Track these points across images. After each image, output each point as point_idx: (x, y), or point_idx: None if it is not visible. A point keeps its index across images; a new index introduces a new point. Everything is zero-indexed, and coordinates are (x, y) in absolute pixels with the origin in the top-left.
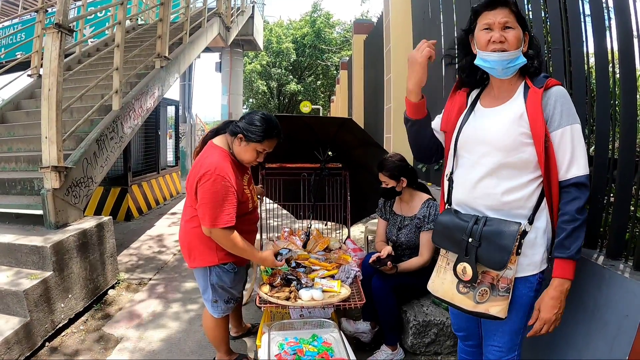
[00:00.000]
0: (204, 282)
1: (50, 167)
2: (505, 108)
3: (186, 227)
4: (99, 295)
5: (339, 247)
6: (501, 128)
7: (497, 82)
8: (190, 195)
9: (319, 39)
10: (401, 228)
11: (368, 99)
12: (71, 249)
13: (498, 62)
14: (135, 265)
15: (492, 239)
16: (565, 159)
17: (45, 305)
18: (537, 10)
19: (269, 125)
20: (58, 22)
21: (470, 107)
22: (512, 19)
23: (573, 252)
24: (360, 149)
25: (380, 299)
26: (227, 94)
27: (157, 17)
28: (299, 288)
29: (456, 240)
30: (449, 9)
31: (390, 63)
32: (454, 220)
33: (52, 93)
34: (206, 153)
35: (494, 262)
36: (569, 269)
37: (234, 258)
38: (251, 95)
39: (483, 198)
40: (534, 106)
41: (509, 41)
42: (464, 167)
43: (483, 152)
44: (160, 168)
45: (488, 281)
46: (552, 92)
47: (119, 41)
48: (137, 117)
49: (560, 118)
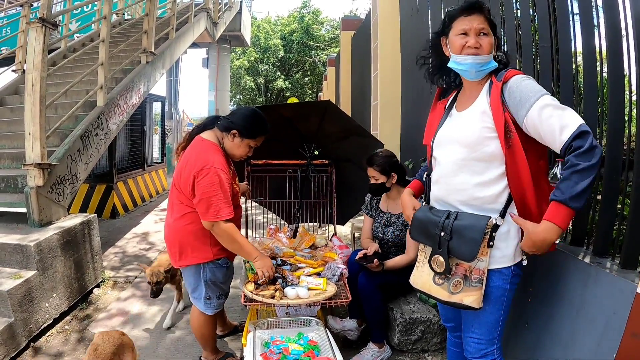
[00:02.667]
0: (195, 280)
1: (33, 164)
2: (473, 107)
3: (177, 225)
4: (84, 294)
5: (325, 244)
6: (467, 125)
7: (468, 84)
8: (184, 191)
9: (307, 36)
10: (387, 225)
11: (355, 96)
12: (55, 248)
13: (472, 65)
14: (120, 263)
15: (463, 233)
16: (555, 127)
17: (30, 305)
18: (526, 8)
19: (262, 121)
20: (42, 17)
21: (447, 112)
22: (487, 25)
23: (567, 197)
24: (345, 141)
25: (366, 297)
26: (214, 90)
27: (143, 12)
28: (285, 286)
29: (430, 234)
30: (436, 6)
31: (377, 60)
32: (428, 215)
33: (35, 88)
34: (198, 148)
35: (465, 254)
36: (559, 214)
37: (227, 252)
38: (238, 91)
39: (456, 193)
40: (495, 99)
41: (483, 47)
42: (439, 166)
43: (452, 149)
44: (146, 165)
45: (461, 272)
46: (510, 82)
47: (104, 36)
48: (123, 113)
49: (528, 97)
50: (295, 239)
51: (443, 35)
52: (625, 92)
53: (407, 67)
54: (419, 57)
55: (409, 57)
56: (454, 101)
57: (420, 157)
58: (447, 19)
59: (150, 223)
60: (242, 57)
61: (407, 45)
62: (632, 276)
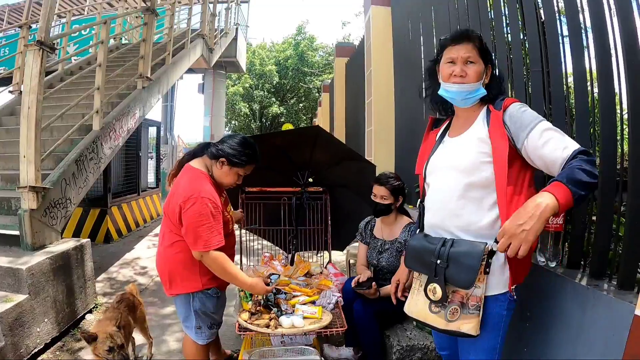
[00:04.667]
0: (185, 310)
1: (27, 187)
2: (468, 134)
3: (166, 254)
4: (76, 319)
5: (320, 272)
6: (462, 151)
7: (461, 111)
8: (172, 220)
9: (302, 62)
10: (382, 252)
11: (349, 122)
12: (48, 272)
13: (457, 93)
14: (113, 289)
15: (459, 260)
16: (558, 146)
17: (21, 329)
18: (516, 33)
19: (252, 150)
20: (40, 40)
21: (439, 139)
22: (475, 53)
23: (564, 177)
24: (338, 166)
25: (362, 325)
26: (209, 115)
27: (140, 37)
28: (280, 315)
29: (426, 262)
30: (428, 32)
31: (371, 86)
32: (423, 243)
33: (31, 111)
34: (186, 176)
35: (462, 282)
36: (557, 188)
37: (217, 282)
38: (233, 117)
39: (453, 219)
40: (496, 127)
41: (469, 75)
42: (432, 192)
43: (447, 175)
44: (140, 189)
45: (458, 300)
46: (508, 111)
47: (101, 60)
48: (118, 138)
49: (528, 122)
50: (290, 267)
51: (437, 63)
52: (616, 112)
53: (400, 93)
54: (420, 89)
55: (402, 83)
56: (446, 129)
57: (414, 182)
58: (439, 47)
59: (144, 249)
60: (237, 83)
61: (400, 71)
62: (629, 297)
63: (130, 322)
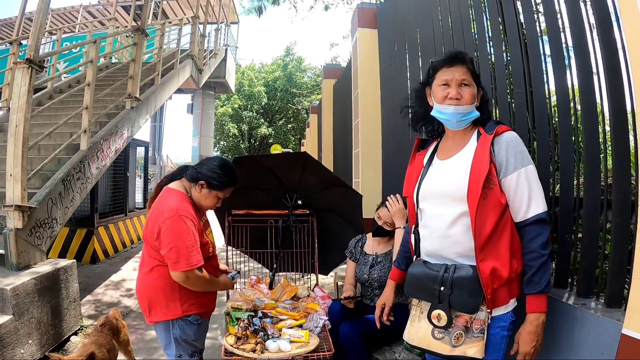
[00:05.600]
0: (165, 337)
1: (13, 205)
2: (459, 158)
3: (145, 280)
4: (60, 341)
5: (307, 295)
6: (455, 178)
7: (451, 133)
8: (151, 243)
9: (291, 83)
10: (374, 265)
11: (337, 143)
12: (32, 293)
13: (453, 115)
14: (99, 311)
15: (463, 285)
16: (524, 200)
17: (4, 350)
18: (500, 55)
19: (231, 173)
20: (29, 57)
21: (428, 161)
22: (469, 76)
23: (543, 286)
24: (326, 191)
25: (348, 348)
26: (198, 135)
27: (130, 57)
28: (266, 339)
29: (428, 289)
30: (414, 55)
31: (358, 108)
32: (424, 270)
33: (19, 129)
34: (163, 198)
35: (468, 307)
36: (541, 303)
37: (197, 309)
38: (222, 137)
39: (452, 246)
40: (482, 151)
41: (464, 97)
42: (428, 220)
43: (443, 203)
44: (128, 210)
45: (462, 324)
46: (504, 138)
47: (89, 80)
48: (105, 158)
49: (515, 162)
50: (276, 290)
51: (427, 85)
52: (599, 130)
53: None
54: (402, 107)
55: (389, 105)
56: (434, 151)
57: None
58: (430, 69)
59: (130, 270)
60: (226, 104)
61: (386, 93)
62: (617, 315)
63: (115, 346)
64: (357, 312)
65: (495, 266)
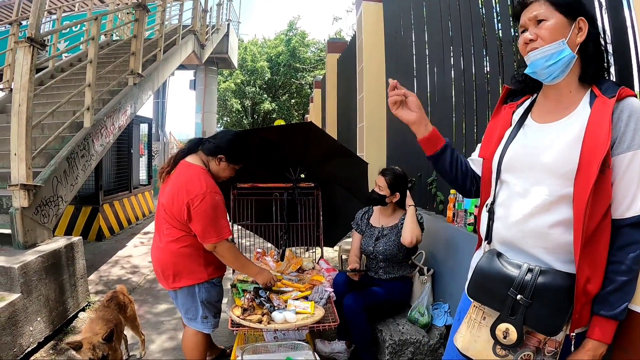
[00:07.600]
0: (190, 301)
1: (19, 185)
2: (566, 124)
3: (170, 248)
4: (69, 318)
5: (312, 267)
6: (561, 149)
7: (552, 92)
8: (179, 217)
9: (294, 58)
10: (379, 238)
11: (341, 118)
12: (40, 270)
13: (534, 64)
14: (106, 287)
15: (547, 296)
16: (630, 190)
17: (14, 328)
18: (507, 29)
19: (248, 146)
20: (30, 36)
21: (519, 122)
22: (546, 8)
23: (618, 311)
24: (330, 162)
25: (352, 319)
26: (201, 111)
27: (131, 33)
28: (272, 310)
29: (499, 294)
30: (419, 27)
31: (362, 82)
32: (496, 267)
33: (22, 109)
34: (185, 174)
35: (547, 327)
36: (609, 331)
37: (219, 272)
38: (225, 113)
39: (536, 238)
40: (600, 118)
41: (541, 36)
42: (511, 197)
43: (536, 178)
44: (132, 187)
45: (533, 344)
46: (626, 104)
47: (92, 57)
48: (109, 135)
49: (632, 138)
50: (282, 263)
51: None
52: None
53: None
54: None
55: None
56: (529, 109)
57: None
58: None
59: (136, 246)
60: (229, 79)
61: (391, 67)
62: None
63: (122, 321)
64: (362, 284)
65: (589, 275)
